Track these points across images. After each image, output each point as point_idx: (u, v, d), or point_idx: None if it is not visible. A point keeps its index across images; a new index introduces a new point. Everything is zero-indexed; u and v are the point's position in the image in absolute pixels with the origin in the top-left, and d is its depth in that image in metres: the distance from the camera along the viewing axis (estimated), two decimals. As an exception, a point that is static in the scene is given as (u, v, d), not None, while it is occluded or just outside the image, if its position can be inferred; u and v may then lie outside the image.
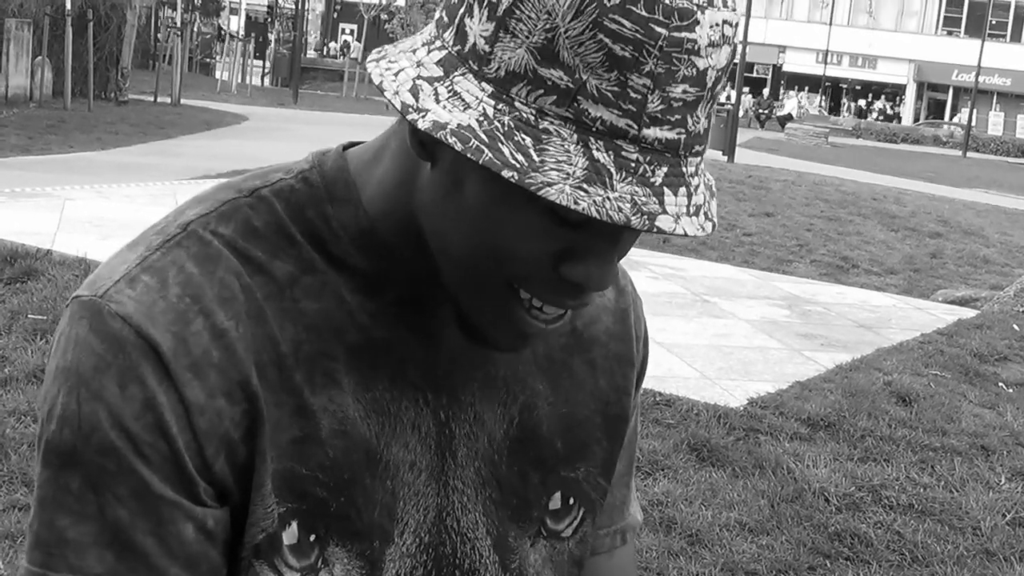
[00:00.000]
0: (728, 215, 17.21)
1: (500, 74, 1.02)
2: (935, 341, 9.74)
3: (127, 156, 18.15)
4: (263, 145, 20.68)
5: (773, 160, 31.27)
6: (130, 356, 1.07)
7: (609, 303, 1.40)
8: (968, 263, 16.07)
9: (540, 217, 1.04)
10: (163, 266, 1.12)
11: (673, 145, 1.01)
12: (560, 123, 1.00)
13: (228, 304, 1.12)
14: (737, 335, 9.60)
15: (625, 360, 1.40)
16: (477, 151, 0.99)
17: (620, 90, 0.99)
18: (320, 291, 1.17)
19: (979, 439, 7.24)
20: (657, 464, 6.24)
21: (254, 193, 1.19)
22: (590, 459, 1.35)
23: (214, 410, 1.09)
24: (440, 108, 1.02)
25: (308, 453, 1.14)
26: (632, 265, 11.99)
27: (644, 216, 0.99)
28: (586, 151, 0.99)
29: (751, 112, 60.07)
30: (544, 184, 0.97)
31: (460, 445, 1.23)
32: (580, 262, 1.08)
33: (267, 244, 1.16)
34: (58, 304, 7.65)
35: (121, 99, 28.31)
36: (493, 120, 1.00)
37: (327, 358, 1.16)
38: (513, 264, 1.08)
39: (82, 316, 1.10)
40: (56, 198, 12.42)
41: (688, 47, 0.99)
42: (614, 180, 0.99)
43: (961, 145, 54.21)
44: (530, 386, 1.29)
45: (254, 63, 45.43)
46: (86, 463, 1.07)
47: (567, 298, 1.11)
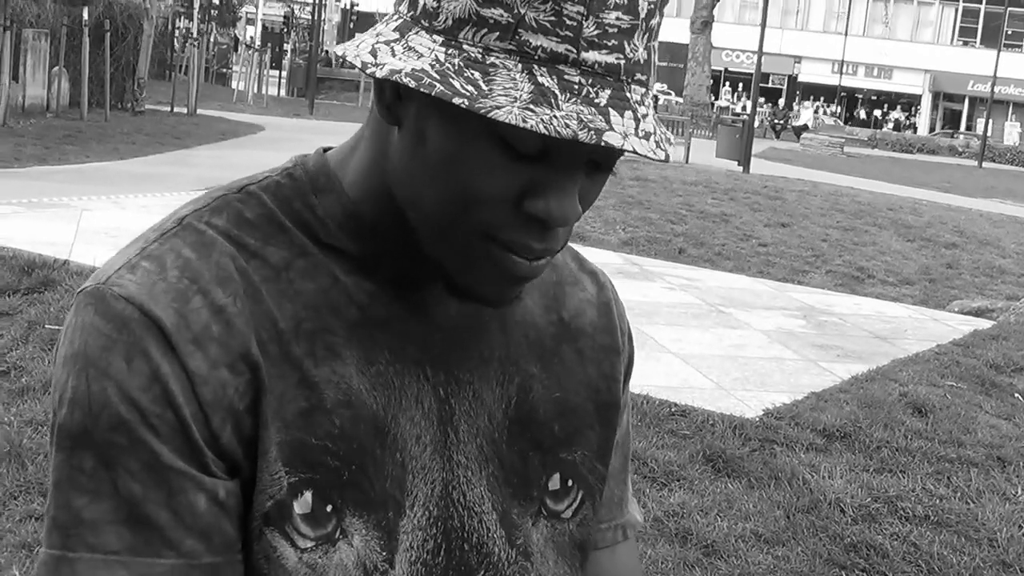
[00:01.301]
0: (743, 225, 17.21)
1: (448, 23, 1.09)
2: (951, 352, 9.73)
3: (143, 166, 18.20)
4: (279, 155, 20.42)
5: (788, 170, 31.24)
6: (134, 332, 1.11)
7: (592, 297, 1.44)
8: (984, 273, 16.04)
9: (498, 153, 1.10)
10: (161, 253, 1.16)
11: (614, 69, 1.07)
12: (505, 56, 1.06)
13: (225, 283, 1.16)
14: (752, 346, 9.60)
15: (611, 350, 1.44)
16: (429, 86, 1.05)
17: (556, 19, 1.05)
18: (315, 273, 1.21)
19: (995, 450, 7.23)
20: (673, 475, 6.23)
21: (243, 189, 1.25)
22: (585, 444, 1.38)
23: (217, 381, 1.12)
24: (396, 60, 1.09)
25: (315, 423, 1.17)
26: (647, 276, 12.03)
27: (591, 131, 1.03)
28: (531, 77, 1.05)
29: (766, 122, 60.01)
30: (493, 108, 1.03)
31: (461, 421, 1.27)
32: (540, 197, 1.12)
33: (259, 232, 1.21)
34: (75, 314, 7.66)
35: (138, 109, 28.38)
36: (444, 63, 1.07)
37: (328, 332, 1.19)
38: (480, 208, 1.12)
39: (87, 304, 1.14)
40: (73, 208, 12.47)
41: None
42: (559, 101, 1.04)
43: (977, 155, 54.07)
44: (523, 368, 1.33)
45: (270, 73, 45.48)
46: (98, 441, 1.10)
47: (533, 239, 1.14)
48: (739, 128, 32.27)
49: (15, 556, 4.83)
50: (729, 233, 16.44)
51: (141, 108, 28.53)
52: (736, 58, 74.80)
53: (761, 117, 56.65)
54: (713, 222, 17.01)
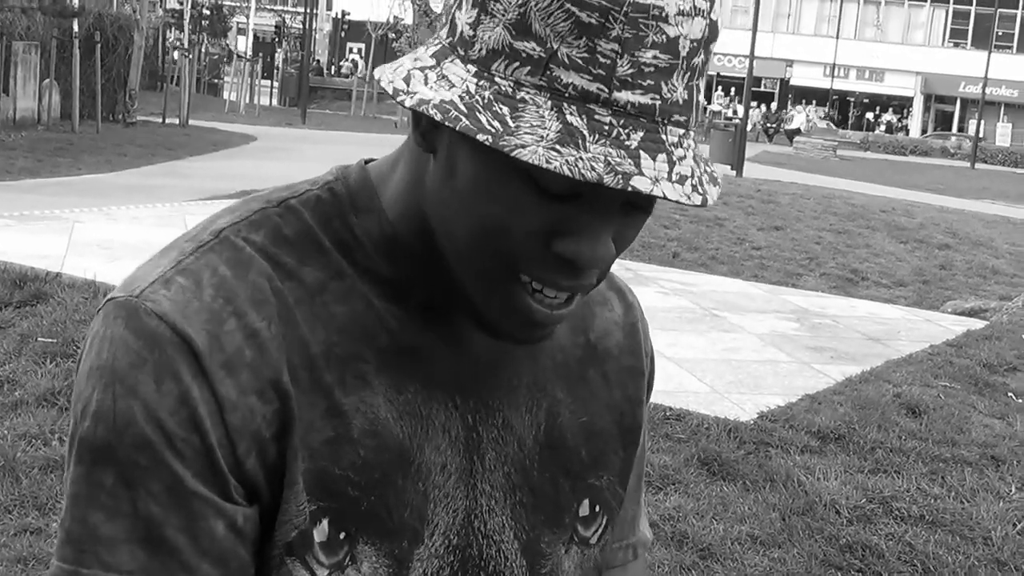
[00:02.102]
0: (737, 229, 17.23)
1: (482, 54, 1.06)
2: (944, 352, 9.75)
3: (135, 178, 18.19)
4: (272, 165, 20.74)
5: (782, 174, 31.28)
6: (166, 352, 1.09)
7: (618, 318, 1.43)
8: (977, 274, 16.06)
9: (527, 190, 1.07)
10: (197, 269, 1.14)
11: (648, 110, 1.03)
12: (535, 92, 1.03)
13: (260, 306, 1.14)
14: (747, 349, 9.61)
15: (636, 372, 1.43)
16: (455, 119, 1.03)
17: (590, 56, 1.02)
18: (349, 296, 1.19)
19: (989, 449, 7.23)
20: (668, 479, 6.24)
21: (282, 203, 1.22)
22: (610, 468, 1.37)
23: (246, 407, 1.11)
24: (427, 89, 1.07)
25: (340, 453, 1.15)
26: (642, 280, 12.03)
27: (618, 175, 1.00)
28: (560, 115, 1.02)
29: (759, 126, 60.07)
30: (517, 146, 1.00)
31: (488, 449, 1.25)
32: (570, 238, 1.09)
33: (296, 251, 1.19)
34: (68, 327, 7.66)
35: (129, 121, 28.40)
36: (475, 95, 1.04)
37: (358, 360, 1.18)
38: (508, 243, 1.10)
39: (117, 316, 1.12)
40: (65, 221, 12.46)
41: (655, 13, 1.02)
42: (587, 142, 1.01)
43: (969, 157, 54.17)
44: (551, 394, 1.32)
45: (262, 83, 45.51)
46: (120, 459, 1.08)
47: (562, 277, 1.12)
48: (732, 132, 32.36)
49: (10, 570, 4.81)
50: (723, 237, 16.45)
51: (133, 120, 28.56)
52: (728, 62, 74.81)
53: (754, 121, 56.69)
54: (707, 226, 17.02)
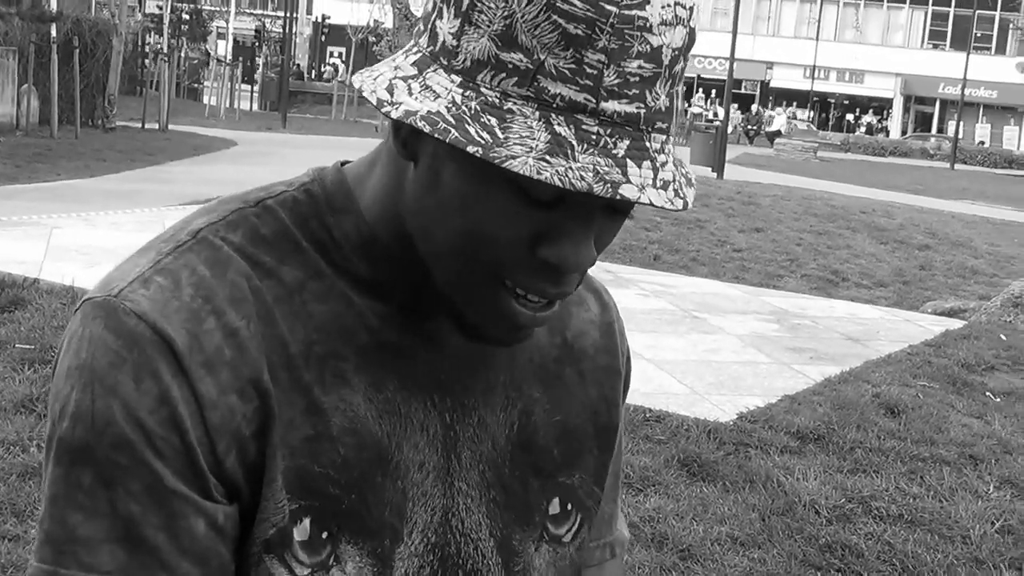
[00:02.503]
0: (718, 231, 17.26)
1: (466, 64, 1.06)
2: (923, 352, 9.79)
3: (115, 183, 18.15)
4: (252, 170, 20.68)
5: (762, 176, 31.33)
6: (145, 351, 1.09)
7: (595, 317, 1.44)
8: (957, 274, 16.13)
9: (512, 198, 1.08)
10: (176, 268, 1.14)
11: (633, 119, 1.05)
12: (523, 102, 1.04)
13: (239, 305, 1.14)
14: (726, 350, 9.62)
15: (612, 371, 1.44)
16: (444, 131, 1.03)
17: (576, 67, 1.03)
18: (328, 295, 1.20)
19: (967, 448, 7.26)
20: (648, 480, 6.24)
21: (259, 204, 1.22)
22: (584, 467, 1.38)
23: (226, 406, 1.11)
24: (412, 100, 1.07)
25: (320, 451, 1.16)
26: (622, 283, 12.04)
27: (607, 184, 1.02)
28: (548, 126, 1.03)
29: (740, 128, 60.16)
30: (508, 157, 1.01)
31: (464, 448, 1.26)
32: (555, 243, 1.10)
33: (275, 250, 1.19)
34: (46, 333, 7.64)
35: (108, 126, 28.31)
36: (461, 105, 1.05)
37: (337, 358, 1.18)
38: (493, 250, 1.11)
39: (96, 316, 1.12)
40: (43, 227, 12.43)
41: (640, 24, 1.03)
42: (576, 152, 1.02)
43: (949, 157, 54.34)
44: (527, 393, 1.32)
45: (242, 87, 45.45)
46: (98, 459, 1.08)
47: (547, 283, 1.13)
48: (712, 134, 32.38)
49: (-13, 575, 4.80)
50: (704, 239, 16.48)
51: (112, 125, 28.46)
52: (708, 64, 74.90)
53: (734, 123, 56.78)
54: (688, 228, 17.05)
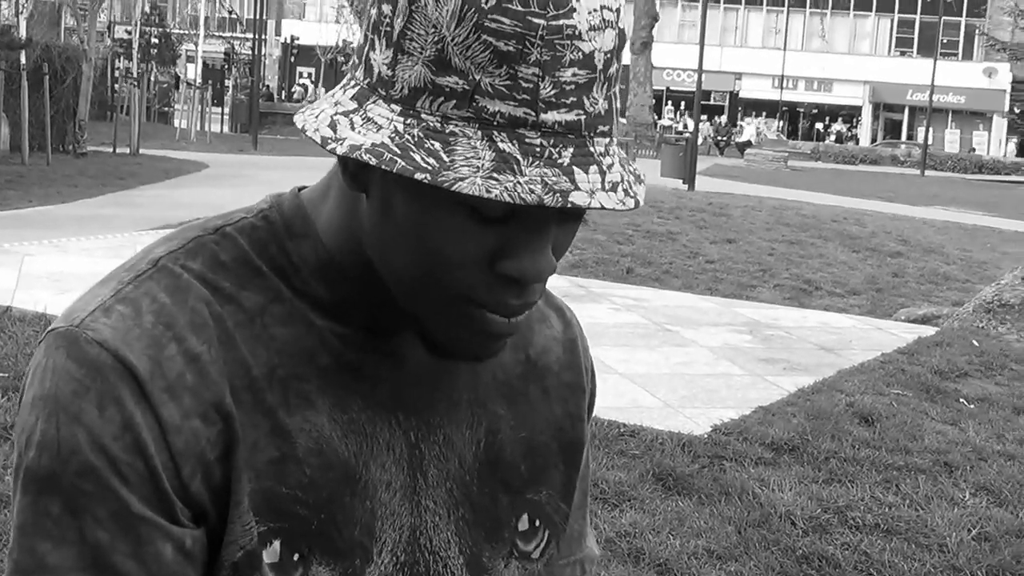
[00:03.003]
0: (690, 243, 17.29)
1: (404, 92, 1.07)
2: (896, 360, 9.82)
3: (87, 208, 18.09)
4: (224, 192, 20.64)
5: (733, 186, 31.37)
6: (108, 379, 1.10)
7: (558, 334, 1.45)
8: (929, 281, 16.18)
9: (465, 219, 1.09)
10: (136, 297, 1.15)
11: (575, 126, 1.06)
12: (464, 124, 1.05)
13: (200, 330, 1.15)
14: (699, 363, 9.64)
15: (576, 388, 1.44)
16: (391, 162, 1.04)
17: (512, 82, 1.04)
18: (289, 318, 1.21)
19: (942, 456, 7.28)
20: (624, 495, 6.25)
21: (218, 231, 1.23)
22: (550, 483, 1.38)
23: (190, 430, 1.11)
24: (355, 134, 1.08)
25: (286, 472, 1.16)
26: (594, 298, 12.06)
27: (556, 194, 1.03)
28: (491, 144, 1.04)
29: (710, 139, 60.26)
30: (456, 179, 1.02)
31: (430, 466, 1.27)
32: (512, 257, 1.12)
33: (235, 276, 1.20)
34: (19, 361, 7.61)
35: (80, 151, 28.21)
36: (404, 134, 1.06)
37: (300, 380, 1.19)
38: (453, 272, 1.12)
39: (59, 346, 1.12)
40: (14, 254, 12.38)
41: (569, 32, 1.04)
42: (522, 166, 1.03)
43: (919, 164, 54.55)
44: (491, 410, 1.33)
45: (212, 110, 45.37)
46: (65, 487, 1.09)
47: (510, 297, 1.14)
48: (683, 146, 32.45)
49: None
50: (676, 251, 16.51)
51: (83, 150, 28.35)
52: (677, 77, 75.15)
53: (704, 134, 56.91)
54: (660, 241, 17.08)
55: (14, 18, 28.97)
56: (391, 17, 1.09)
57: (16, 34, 26.65)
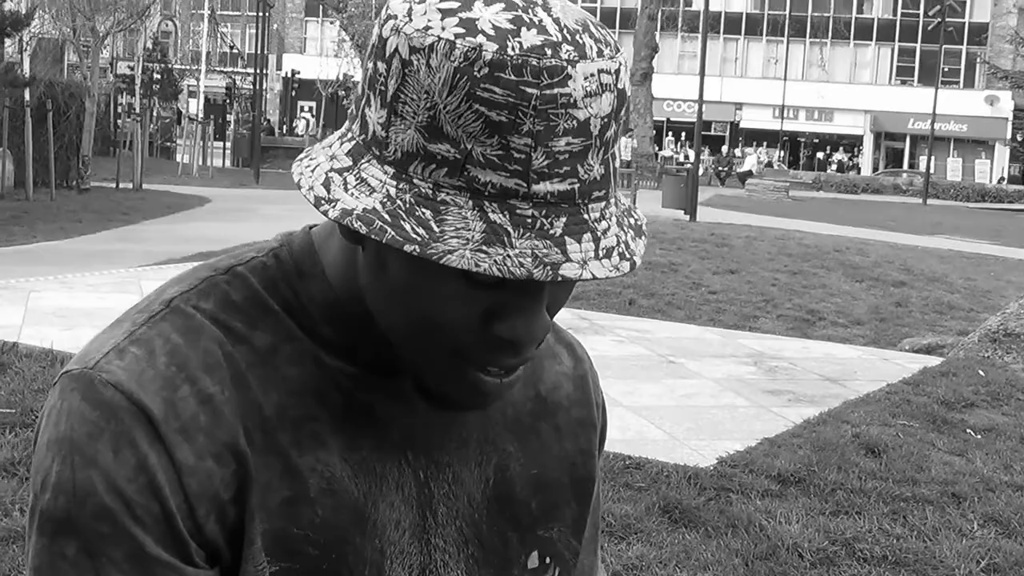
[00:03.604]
0: (692, 274, 17.28)
1: (397, 155, 1.06)
2: (901, 391, 9.78)
3: (91, 244, 18.12)
4: (226, 226, 20.68)
5: (735, 217, 31.39)
6: (122, 421, 1.10)
7: (568, 370, 1.44)
8: (934, 310, 16.15)
9: (457, 283, 1.09)
10: (150, 338, 1.16)
11: (568, 196, 1.05)
12: (455, 192, 1.04)
13: (213, 371, 1.15)
14: (704, 395, 9.63)
15: (587, 424, 1.44)
16: (380, 231, 1.03)
17: (504, 152, 1.03)
18: (300, 358, 1.21)
19: (950, 487, 7.26)
20: (630, 528, 6.24)
21: (230, 271, 1.24)
22: (561, 519, 1.38)
23: (204, 472, 1.12)
24: (348, 196, 1.07)
25: (298, 512, 1.17)
26: (598, 330, 12.06)
27: (546, 267, 1.02)
28: (482, 215, 1.03)
29: (711, 170, 60.34)
30: (445, 252, 1.01)
31: (440, 504, 1.27)
32: (506, 319, 1.11)
33: (246, 316, 1.20)
34: (26, 397, 7.62)
35: (83, 187, 28.30)
36: (396, 200, 1.05)
37: (312, 420, 1.19)
38: (446, 333, 1.12)
39: (73, 388, 1.13)
40: (21, 291, 12.38)
41: (563, 101, 1.03)
42: (512, 238, 1.02)
43: (921, 193, 54.59)
44: (501, 447, 1.33)
45: (214, 145, 45.45)
46: (81, 529, 1.09)
47: (506, 356, 1.15)
48: (683, 177, 32.48)
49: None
50: (679, 282, 16.50)
51: (87, 186, 28.46)
52: (678, 107, 75.33)
53: (705, 165, 56.97)
54: (662, 272, 17.08)
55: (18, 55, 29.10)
56: (385, 77, 1.08)
57: (20, 71, 26.76)
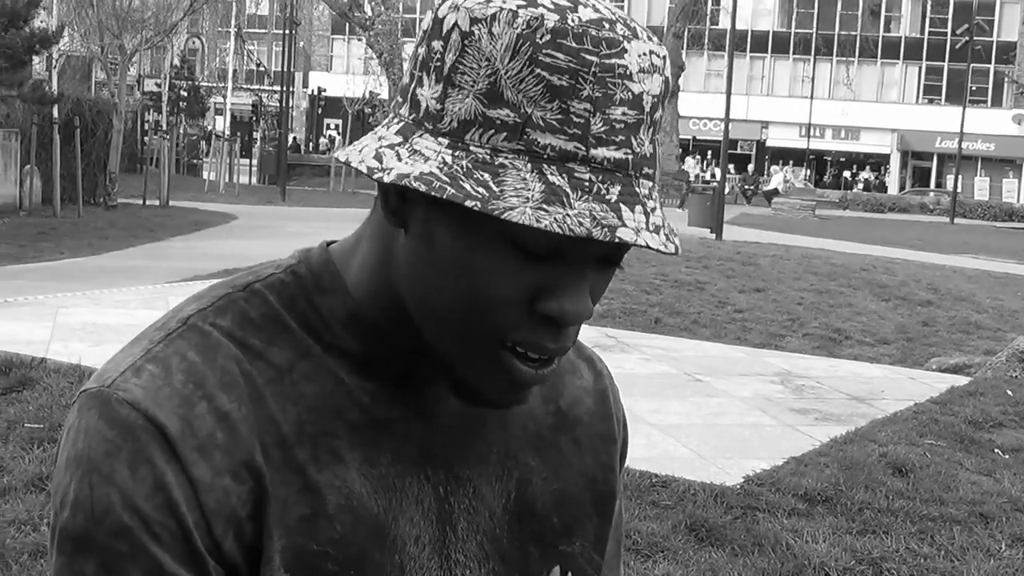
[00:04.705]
0: (718, 292, 17.26)
1: (453, 125, 1.09)
2: (929, 410, 9.75)
3: (117, 260, 18.21)
4: (252, 244, 20.75)
5: (761, 235, 31.34)
6: (139, 439, 1.11)
7: (588, 385, 1.44)
8: (961, 329, 16.08)
9: (509, 254, 1.10)
10: (166, 356, 1.16)
11: (623, 164, 1.08)
12: (514, 156, 1.06)
13: (230, 388, 1.16)
14: (731, 413, 9.61)
15: (608, 438, 1.44)
16: (440, 189, 1.06)
17: (564, 116, 1.06)
18: (317, 374, 1.21)
19: (977, 507, 7.23)
20: (656, 546, 6.23)
21: (247, 288, 1.24)
22: (583, 534, 1.38)
23: (221, 489, 1.12)
24: (402, 164, 1.10)
25: (317, 529, 1.17)
26: (624, 348, 12.05)
27: (604, 228, 1.04)
28: (541, 176, 1.05)
29: (737, 188, 60.27)
30: (506, 208, 1.04)
31: (460, 519, 1.27)
32: (553, 297, 1.12)
33: (264, 333, 1.21)
34: (54, 412, 7.66)
35: (110, 204, 28.45)
36: (452, 165, 1.07)
37: (330, 436, 1.20)
38: (491, 309, 1.12)
39: (91, 407, 1.14)
40: (49, 307, 12.45)
41: (620, 72, 1.07)
42: (571, 199, 1.05)
43: (948, 212, 54.45)
44: (522, 461, 1.33)
45: (241, 162, 45.62)
46: (100, 546, 1.10)
47: (547, 340, 1.15)
48: (710, 195, 32.48)
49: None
50: (704, 301, 16.48)
51: (114, 202, 28.61)
52: (704, 126, 75.29)
53: (731, 183, 56.92)
54: (688, 290, 17.06)
55: (46, 73, 29.27)
56: (442, 52, 1.10)
57: (48, 88, 26.90)
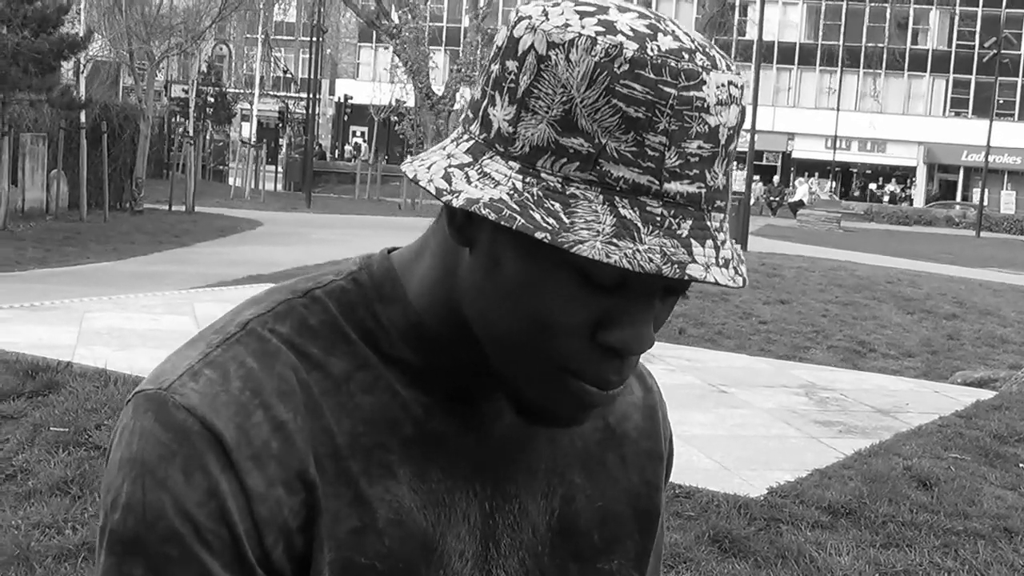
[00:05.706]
0: (743, 303, 17.23)
1: (525, 150, 1.07)
2: (954, 424, 9.71)
3: (143, 265, 18.27)
4: (277, 250, 20.81)
5: (786, 247, 31.31)
6: (195, 445, 1.11)
7: (638, 400, 1.43)
8: (986, 343, 16.03)
9: (574, 283, 1.08)
10: (224, 361, 1.16)
11: (695, 199, 1.06)
12: (585, 187, 1.04)
13: (287, 397, 1.15)
14: (755, 424, 9.60)
15: (655, 456, 1.42)
16: (510, 219, 1.04)
17: (638, 149, 1.04)
18: (374, 386, 1.20)
19: (1002, 521, 7.20)
20: (679, 557, 6.22)
21: (308, 294, 1.23)
22: (624, 552, 1.37)
23: (274, 499, 1.12)
24: (472, 188, 1.08)
25: (366, 542, 1.16)
26: (648, 358, 12.00)
27: (674, 265, 1.03)
28: (613, 209, 1.03)
29: (762, 200, 60.22)
30: (576, 242, 1.02)
31: (503, 535, 1.26)
32: (616, 328, 1.11)
33: (322, 341, 1.20)
34: (79, 416, 7.68)
35: (136, 209, 28.58)
36: (523, 192, 1.05)
37: (383, 450, 1.19)
38: (554, 338, 1.11)
39: (147, 409, 1.14)
40: (75, 311, 12.48)
41: (698, 105, 1.05)
42: (642, 234, 1.03)
43: (974, 225, 54.29)
44: (568, 479, 1.32)
45: (266, 168, 45.74)
46: (149, 551, 1.10)
47: (608, 372, 1.13)
48: (735, 207, 32.42)
49: (24, 662, 4.81)
50: (729, 312, 16.46)
51: (140, 207, 28.74)
52: (730, 137, 75.10)
53: (756, 195, 56.84)
54: (712, 301, 17.03)
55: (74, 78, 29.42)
56: (516, 74, 1.08)
57: (76, 93, 27.03)
